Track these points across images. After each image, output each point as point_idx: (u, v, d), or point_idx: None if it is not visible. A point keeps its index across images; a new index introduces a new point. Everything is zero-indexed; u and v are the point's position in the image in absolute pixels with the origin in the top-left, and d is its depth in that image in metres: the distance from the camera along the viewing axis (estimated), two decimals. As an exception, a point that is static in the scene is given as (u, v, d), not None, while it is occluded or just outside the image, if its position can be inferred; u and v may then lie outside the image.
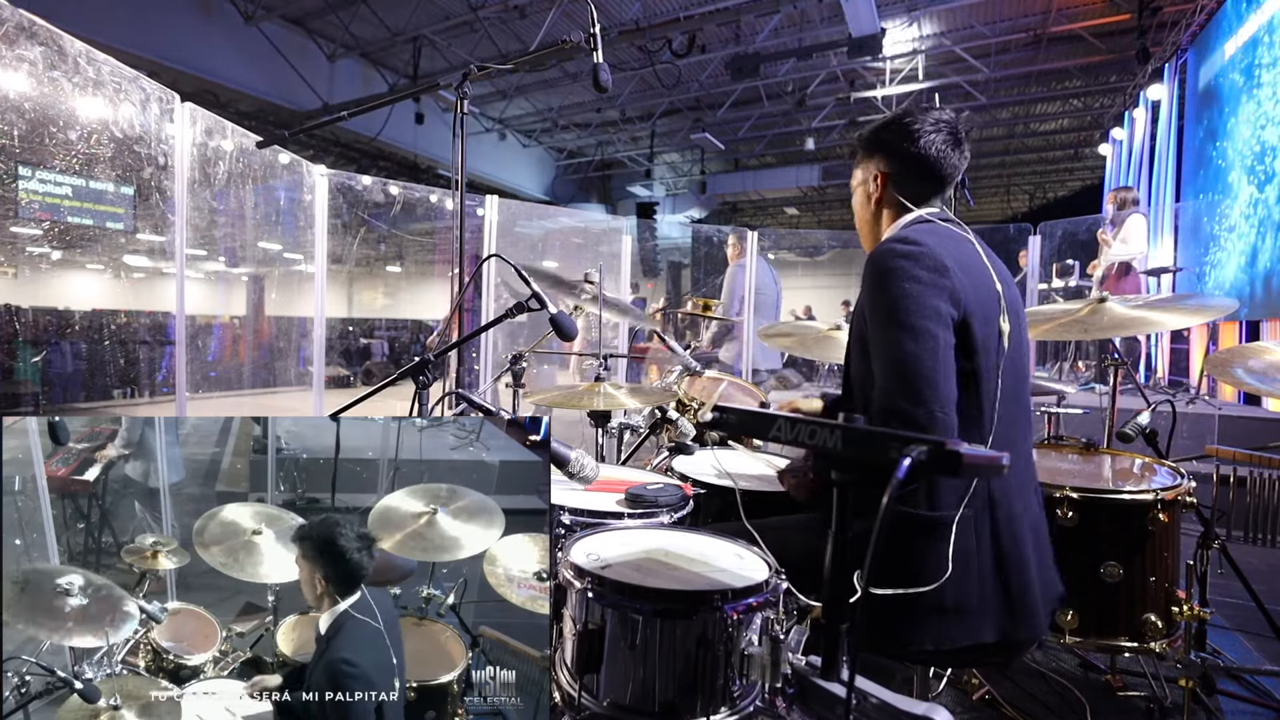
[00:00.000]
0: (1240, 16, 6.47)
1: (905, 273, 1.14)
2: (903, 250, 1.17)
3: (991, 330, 1.18)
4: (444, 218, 6.63)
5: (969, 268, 1.19)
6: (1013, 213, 17.37)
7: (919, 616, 1.14)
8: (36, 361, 6.68)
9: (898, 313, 1.13)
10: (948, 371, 1.12)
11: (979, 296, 1.18)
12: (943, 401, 1.10)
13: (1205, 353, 6.41)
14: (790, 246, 10.16)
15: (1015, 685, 1.99)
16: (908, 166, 1.31)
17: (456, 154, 1.85)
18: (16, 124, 3.36)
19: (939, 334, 1.12)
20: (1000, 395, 1.17)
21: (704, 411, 2.18)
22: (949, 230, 1.27)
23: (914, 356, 1.10)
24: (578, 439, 3.94)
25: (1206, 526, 1.92)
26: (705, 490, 1.62)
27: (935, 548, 1.13)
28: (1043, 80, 10.76)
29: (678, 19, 8.94)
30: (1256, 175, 5.87)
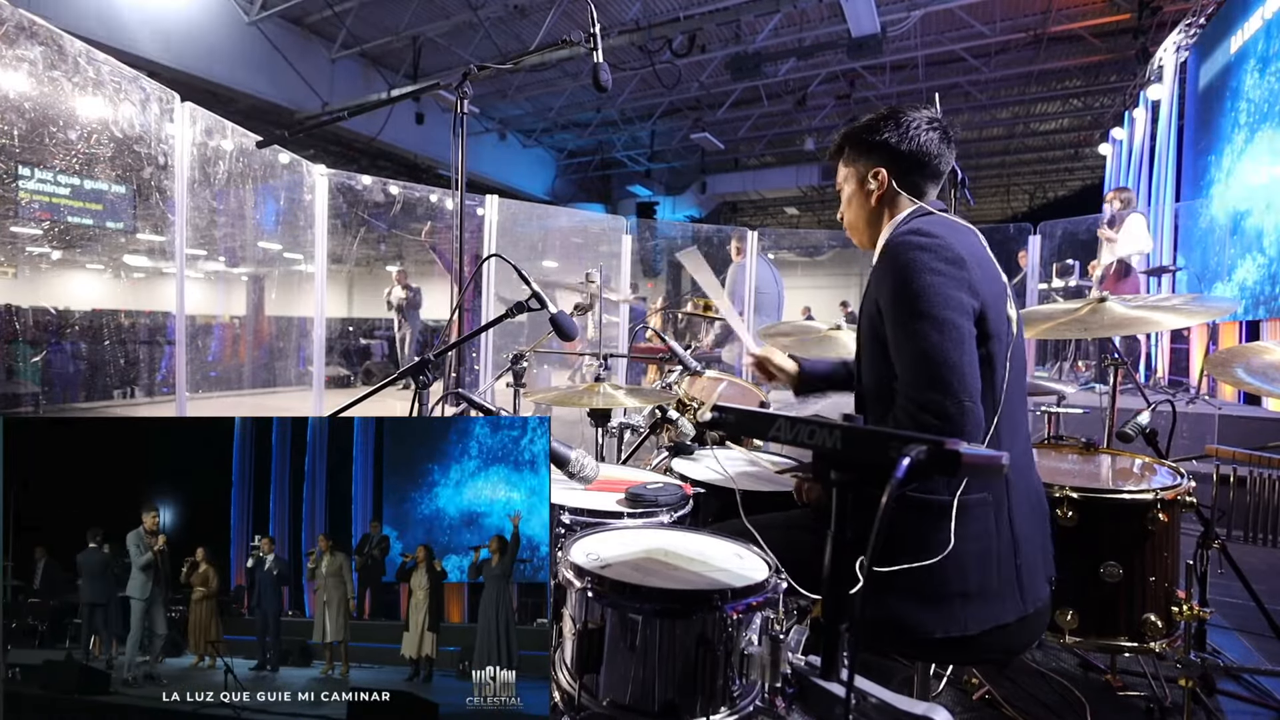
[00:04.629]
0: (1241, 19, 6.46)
1: (925, 264, 1.14)
2: (919, 242, 1.17)
3: (1001, 317, 1.20)
4: (444, 218, 6.63)
5: (980, 258, 1.21)
6: (1013, 212, 17.36)
7: (940, 604, 1.14)
8: (36, 361, 6.67)
9: (921, 304, 1.13)
10: (972, 361, 1.13)
11: (991, 286, 1.20)
12: (971, 392, 1.11)
13: (1205, 353, 6.41)
14: (790, 246, 10.14)
15: (1015, 685, 1.99)
16: (906, 162, 1.32)
17: (456, 154, 1.84)
18: (16, 124, 3.36)
19: (962, 325, 1.13)
20: (1009, 381, 1.19)
21: (704, 411, 2.18)
22: (955, 222, 1.27)
23: (939, 348, 1.11)
24: (578, 439, 3.94)
25: (1206, 526, 1.92)
26: (705, 490, 1.62)
27: (958, 531, 1.13)
28: (1043, 80, 10.76)
29: (678, 19, 8.93)
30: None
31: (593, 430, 2.42)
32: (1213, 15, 7.33)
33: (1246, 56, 6.41)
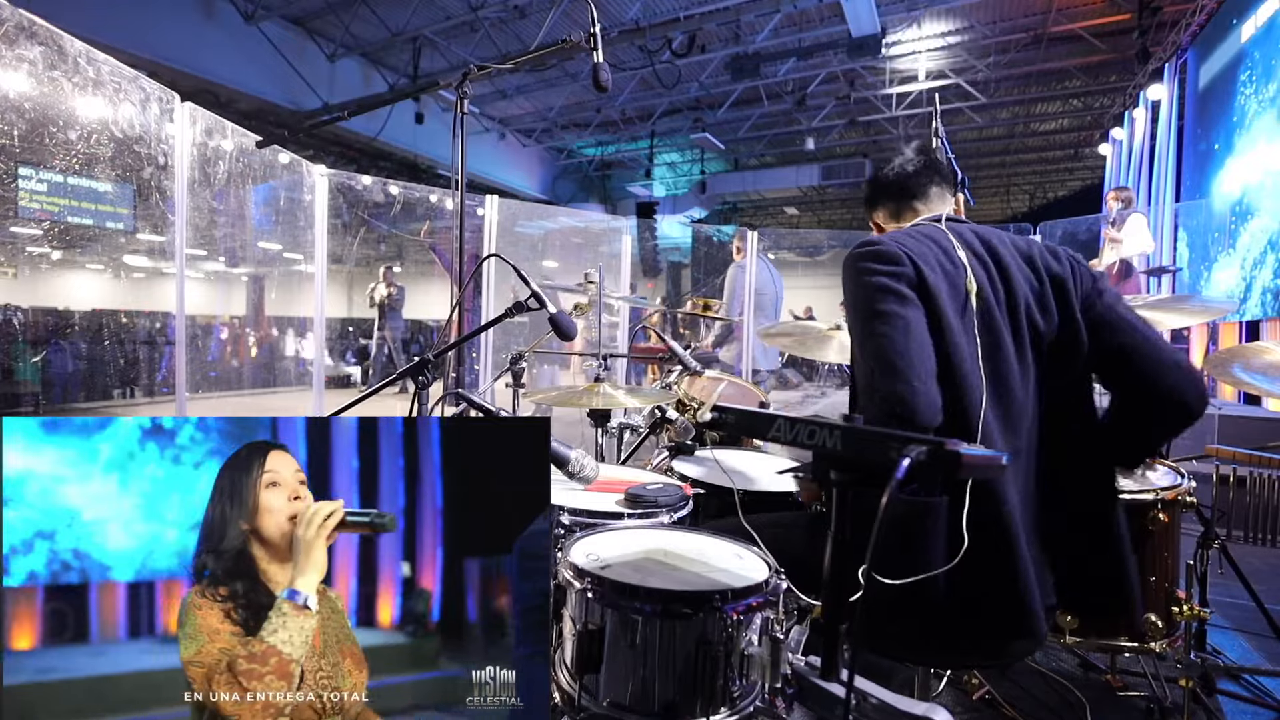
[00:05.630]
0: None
1: (864, 269, 1.23)
2: (859, 252, 1.26)
3: (958, 294, 1.22)
4: (444, 217, 6.63)
5: (924, 253, 1.24)
6: (1013, 213, 17.35)
7: (908, 611, 1.13)
8: (36, 361, 6.68)
9: (863, 304, 1.21)
10: (921, 344, 1.15)
11: (942, 272, 1.23)
12: (920, 373, 1.12)
13: (1205, 353, 6.41)
14: (790, 246, 10.15)
15: (1015, 685, 1.99)
16: (875, 197, 1.51)
17: (456, 154, 1.84)
18: (16, 124, 3.36)
19: (905, 312, 1.17)
20: (1001, 375, 1.19)
21: (704, 411, 2.18)
22: (917, 228, 1.33)
23: (884, 337, 1.15)
24: (578, 439, 3.94)
25: (1206, 526, 1.92)
26: (705, 490, 1.62)
27: (923, 534, 1.12)
28: (1043, 80, 10.75)
29: (678, 19, 8.94)
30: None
31: (593, 430, 2.42)
32: (1213, 15, 7.33)
33: (1247, 56, 6.41)
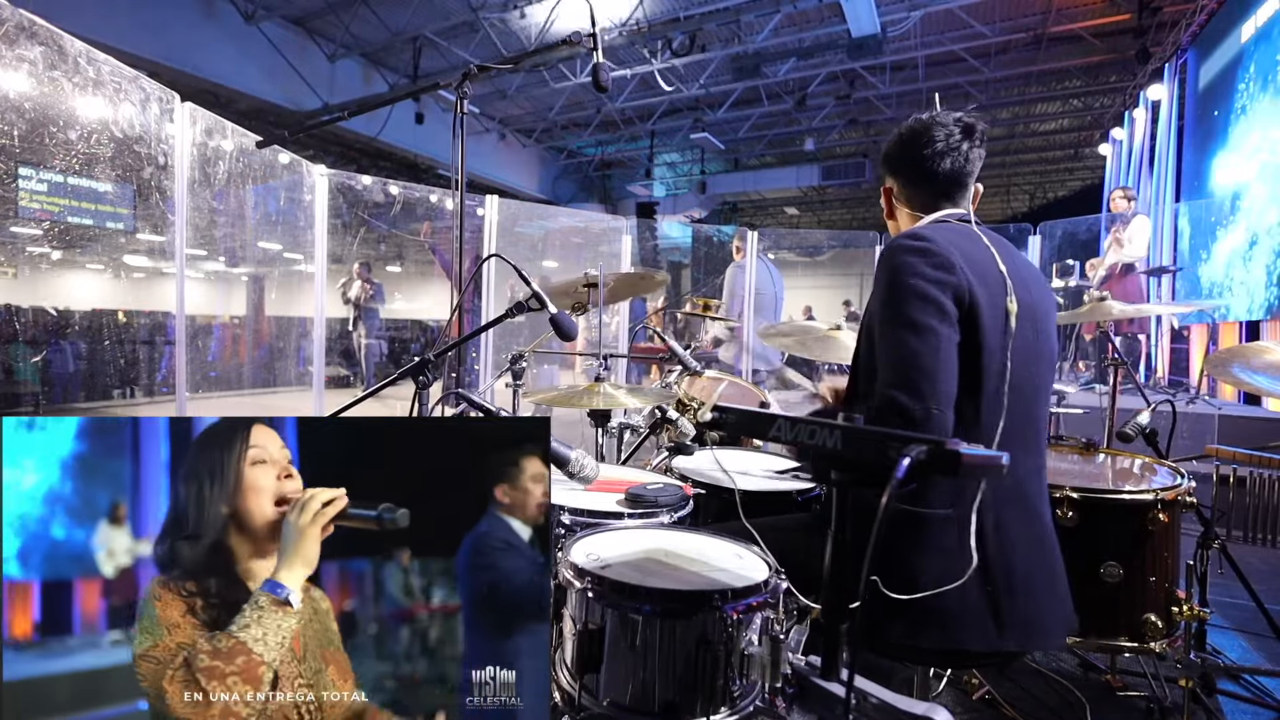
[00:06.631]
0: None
1: (912, 269, 1.15)
2: (910, 245, 1.18)
3: (998, 313, 1.17)
4: (444, 217, 6.63)
5: (975, 260, 1.19)
6: (1013, 213, 17.35)
7: (897, 615, 1.13)
8: (36, 361, 6.67)
9: (902, 308, 1.14)
10: (949, 369, 1.12)
11: (987, 286, 1.18)
12: (941, 398, 1.10)
13: (1205, 353, 6.41)
14: (790, 246, 10.14)
15: (1015, 685, 1.99)
16: (913, 179, 1.35)
17: (456, 154, 1.84)
18: (16, 124, 3.36)
19: (941, 331, 1.12)
20: (1014, 388, 1.15)
21: (704, 411, 2.18)
22: (960, 226, 1.27)
23: (915, 353, 1.11)
24: (578, 439, 3.94)
25: (1206, 526, 1.92)
26: (705, 490, 1.62)
27: (919, 545, 1.13)
28: (1043, 80, 10.75)
29: (678, 19, 8.93)
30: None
31: (593, 430, 2.41)
32: (1213, 15, 7.33)
33: (1247, 56, 6.41)
